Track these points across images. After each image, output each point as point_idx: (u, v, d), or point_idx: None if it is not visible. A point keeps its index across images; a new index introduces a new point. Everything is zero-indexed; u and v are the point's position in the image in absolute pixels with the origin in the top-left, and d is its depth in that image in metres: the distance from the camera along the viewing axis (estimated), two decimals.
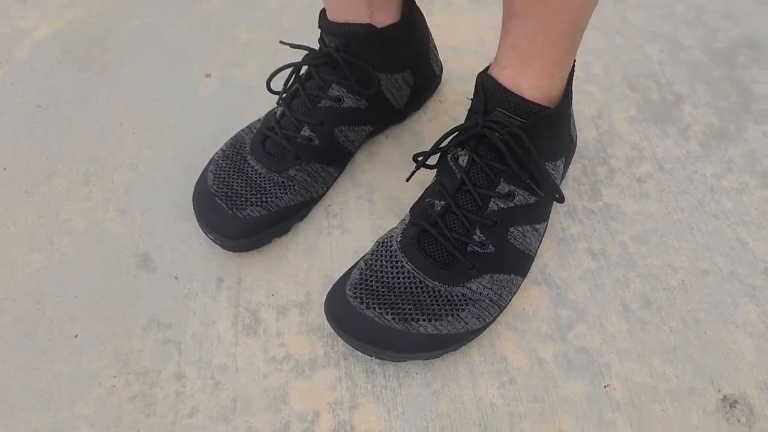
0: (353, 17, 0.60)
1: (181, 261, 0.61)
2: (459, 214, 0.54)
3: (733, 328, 0.54)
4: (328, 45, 0.61)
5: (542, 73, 0.52)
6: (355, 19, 0.60)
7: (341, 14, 0.60)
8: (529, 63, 0.52)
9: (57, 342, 0.56)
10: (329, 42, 0.61)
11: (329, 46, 0.61)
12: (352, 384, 0.53)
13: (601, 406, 0.51)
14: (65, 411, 0.52)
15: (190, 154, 0.70)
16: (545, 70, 0.52)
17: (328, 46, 0.61)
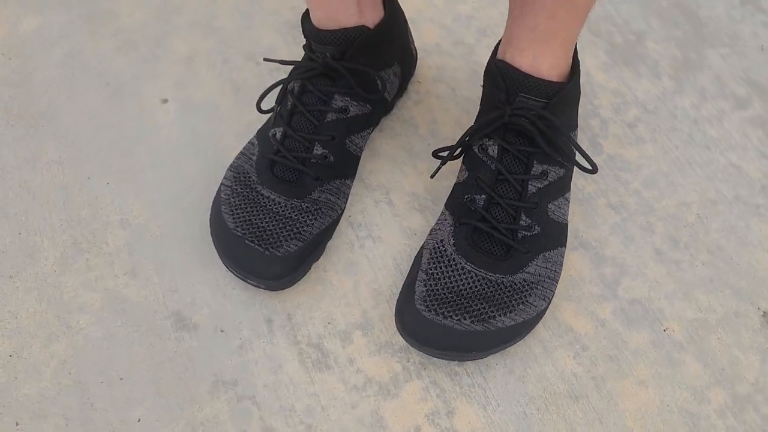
0: (343, 20, 0.57)
1: (220, 311, 0.58)
2: (503, 204, 0.55)
3: (752, 249, 0.61)
4: (321, 54, 0.58)
5: (561, 51, 0.53)
6: (345, 22, 0.57)
7: (331, 18, 0.57)
8: (549, 43, 0.52)
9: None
10: (321, 51, 0.58)
11: (323, 55, 0.58)
12: (440, 391, 0.54)
13: (667, 349, 0.56)
14: None
15: (179, 194, 0.65)
16: (564, 46, 0.53)
17: (321, 56, 0.58)
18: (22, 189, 0.65)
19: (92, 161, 0.67)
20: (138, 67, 0.74)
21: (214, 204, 0.61)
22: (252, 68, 0.74)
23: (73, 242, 0.62)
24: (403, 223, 0.63)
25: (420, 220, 0.63)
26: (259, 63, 0.75)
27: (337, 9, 0.57)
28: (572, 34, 0.52)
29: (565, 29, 0.51)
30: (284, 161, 0.59)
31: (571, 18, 0.50)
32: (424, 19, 0.78)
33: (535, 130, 0.54)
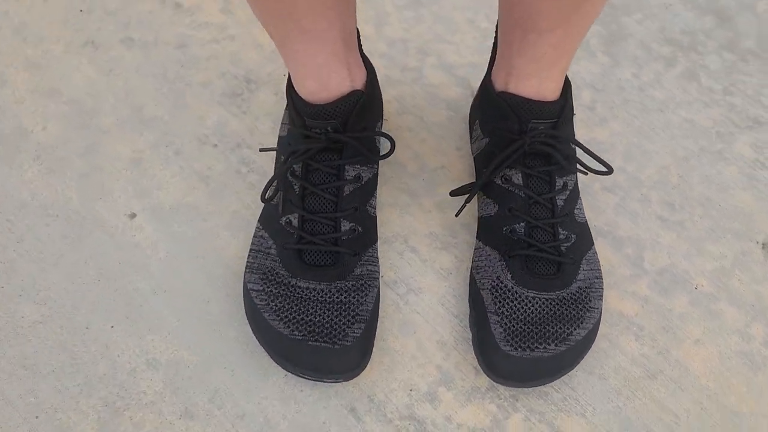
0: (336, 88, 0.55)
1: (299, 420, 0.56)
2: (541, 226, 0.57)
3: (732, 191, 0.68)
4: (322, 129, 0.56)
5: (561, 74, 0.55)
6: (339, 88, 0.55)
7: (324, 87, 0.55)
8: (553, 69, 0.54)
9: None
10: (321, 126, 0.55)
11: (324, 130, 0.56)
12: (539, 415, 0.57)
13: (704, 304, 0.62)
14: None
15: (198, 311, 0.60)
16: (564, 70, 0.55)
17: (322, 131, 0.56)
18: (13, 365, 0.57)
19: (81, 309, 0.60)
20: (81, 187, 0.66)
21: (251, 313, 0.57)
22: (211, 152, 0.69)
23: (105, 404, 0.56)
24: (434, 266, 0.64)
25: (448, 257, 0.64)
26: (216, 144, 0.70)
27: (329, 77, 0.54)
28: (572, 57, 0.54)
29: (568, 55, 0.53)
30: (314, 247, 0.57)
31: (574, 45, 0.52)
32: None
33: (552, 150, 0.56)
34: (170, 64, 0.75)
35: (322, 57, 0.53)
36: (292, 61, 0.54)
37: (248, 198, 0.67)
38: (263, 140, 0.70)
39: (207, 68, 0.75)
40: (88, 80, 0.74)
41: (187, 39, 0.77)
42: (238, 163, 0.69)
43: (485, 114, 0.60)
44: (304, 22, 0.50)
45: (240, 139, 0.70)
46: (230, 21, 0.79)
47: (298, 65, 0.54)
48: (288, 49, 0.53)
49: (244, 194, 0.67)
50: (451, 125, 0.72)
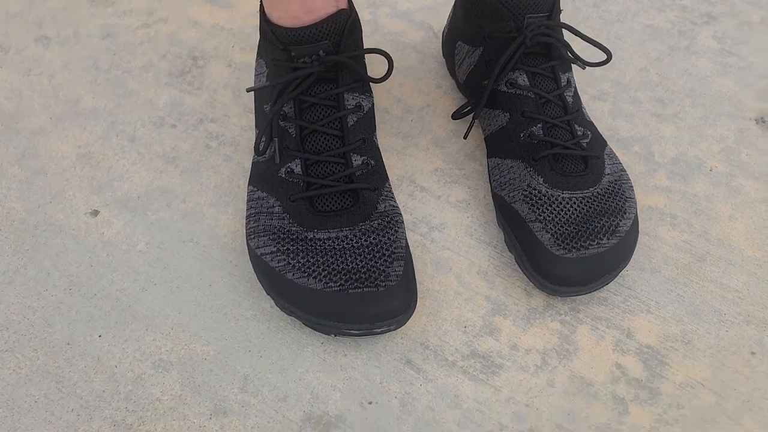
0: (322, 9, 0.49)
1: (353, 384, 0.48)
2: (558, 123, 0.54)
3: (710, 78, 0.68)
4: (312, 56, 0.49)
5: None
6: (324, 10, 0.49)
7: (308, 10, 0.49)
8: None
9: None
10: (310, 51, 0.49)
11: (316, 56, 0.49)
12: (606, 321, 0.52)
13: (724, 183, 0.60)
14: None
15: (202, 298, 0.52)
16: None
17: (313, 57, 0.49)
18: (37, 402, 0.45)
19: (56, 324, 0.49)
20: (24, 194, 0.56)
21: (270, 279, 0.49)
22: (171, 132, 0.61)
23: (113, 424, 0.45)
24: (450, 200, 0.58)
25: (461, 189, 0.59)
26: (175, 125, 0.61)
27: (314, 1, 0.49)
28: None
29: None
30: (327, 191, 0.50)
31: None
32: None
33: (554, 41, 0.53)
34: (100, 54, 0.67)
35: None
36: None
37: (227, 170, 0.59)
38: (227, 111, 0.63)
39: (144, 52, 0.67)
40: (4, 84, 0.64)
41: (113, 28, 0.69)
42: (207, 138, 0.61)
43: (474, 24, 0.57)
44: None
45: (201, 114, 0.63)
46: (158, 5, 0.71)
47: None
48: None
49: (222, 167, 0.59)
50: (424, 66, 0.68)
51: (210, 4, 0.72)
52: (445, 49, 0.65)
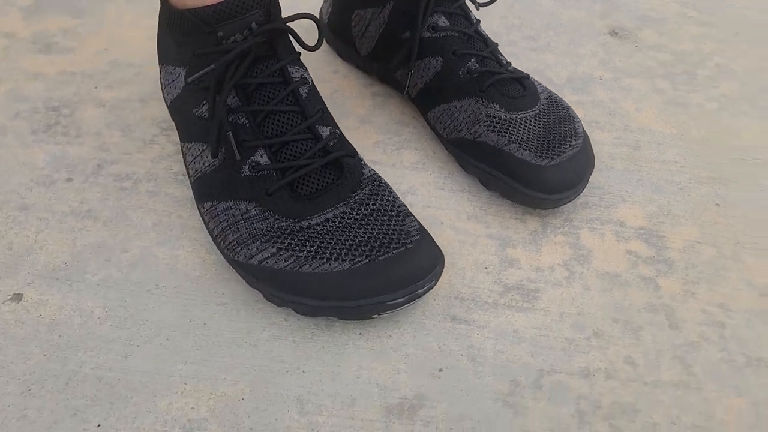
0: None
1: (414, 362, 0.42)
2: (487, 55, 0.55)
3: (561, 12, 0.76)
4: (244, 30, 0.44)
5: None
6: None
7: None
8: None
9: None
10: (240, 26, 0.44)
11: (248, 30, 0.44)
12: (597, 221, 0.53)
13: (616, 84, 0.67)
14: None
15: (209, 347, 0.42)
16: None
17: (244, 33, 0.44)
18: None
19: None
20: None
21: (283, 283, 0.42)
22: (69, 187, 0.50)
23: None
24: (404, 164, 0.56)
25: (410, 152, 0.57)
26: (70, 178, 0.51)
27: None
28: None
29: None
30: (306, 170, 0.44)
31: None
32: None
33: None
34: None
35: None
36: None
37: (158, 205, 0.50)
38: (125, 149, 0.54)
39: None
40: None
41: None
42: (117, 181, 0.51)
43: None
44: None
45: (96, 160, 0.53)
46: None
47: None
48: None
49: (151, 204, 0.50)
50: (311, 57, 0.65)
51: (44, 53, 0.62)
52: (335, 29, 0.64)
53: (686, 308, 0.48)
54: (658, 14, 0.80)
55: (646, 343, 0.45)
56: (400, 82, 0.59)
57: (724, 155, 0.61)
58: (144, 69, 0.62)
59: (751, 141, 0.63)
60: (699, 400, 0.42)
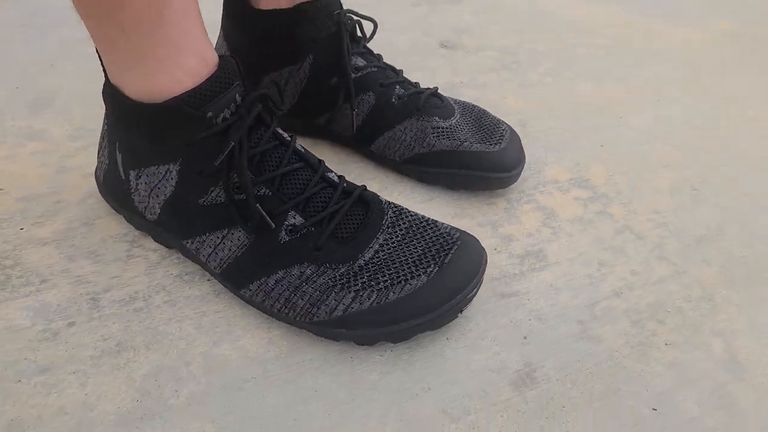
0: (212, 57, 0.45)
1: (536, 348, 0.47)
2: (402, 80, 0.62)
3: (398, 36, 0.85)
4: (230, 105, 0.44)
5: None
6: (213, 57, 0.45)
7: (205, 63, 0.44)
8: None
9: None
10: (227, 102, 0.44)
11: (234, 103, 0.44)
12: (543, 185, 0.63)
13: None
14: None
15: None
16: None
17: (231, 108, 0.44)
18: None
19: None
20: None
21: (376, 320, 0.44)
22: (69, 334, 0.44)
23: None
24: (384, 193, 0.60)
25: (370, 184, 0.61)
26: (61, 332, 0.45)
27: (206, 46, 0.45)
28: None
29: None
30: (341, 215, 0.46)
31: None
32: None
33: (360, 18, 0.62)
34: None
35: (198, 23, 0.43)
36: (164, 47, 0.42)
37: (187, 310, 0.47)
38: (110, 271, 0.49)
39: None
40: None
41: None
42: (125, 306, 0.46)
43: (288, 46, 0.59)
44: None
45: (86, 296, 0.47)
46: None
47: (175, 48, 0.42)
48: (161, 33, 0.41)
49: (178, 311, 0.47)
50: None
51: None
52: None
53: (637, 222, 0.60)
54: (464, 24, 0.95)
55: (633, 256, 0.56)
56: (326, 128, 0.63)
57: (583, 112, 0.76)
58: (63, 195, 0.56)
59: (589, 97, 0.79)
60: (687, 277, 0.54)
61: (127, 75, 0.45)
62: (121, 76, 0.45)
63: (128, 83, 0.45)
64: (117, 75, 0.46)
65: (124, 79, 0.45)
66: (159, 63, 0.43)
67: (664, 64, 0.91)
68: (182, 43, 0.44)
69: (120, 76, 0.45)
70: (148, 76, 0.44)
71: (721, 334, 0.49)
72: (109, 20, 0.42)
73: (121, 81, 0.45)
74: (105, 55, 0.46)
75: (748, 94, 0.84)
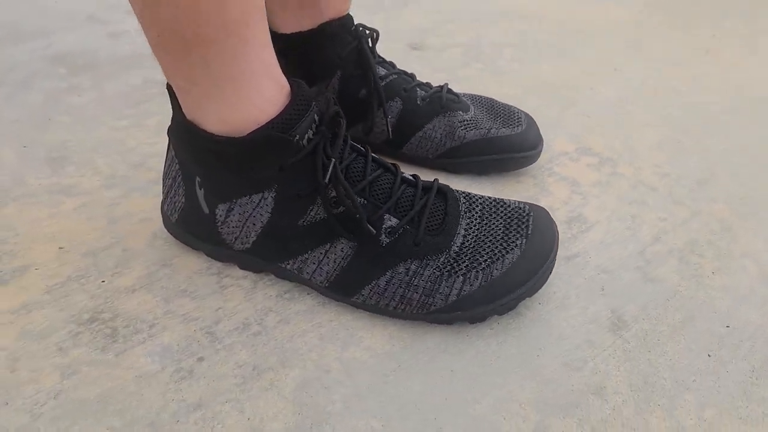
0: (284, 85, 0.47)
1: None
2: (420, 82, 0.67)
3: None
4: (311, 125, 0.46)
5: None
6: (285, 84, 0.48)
7: (279, 86, 0.46)
8: None
9: None
10: (308, 122, 0.46)
11: (315, 122, 0.47)
12: (549, 166, 0.69)
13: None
14: None
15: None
16: None
17: (314, 127, 0.47)
18: None
19: None
20: None
21: (490, 293, 0.48)
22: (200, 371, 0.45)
23: None
24: None
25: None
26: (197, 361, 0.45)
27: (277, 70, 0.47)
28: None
29: None
30: (427, 210, 0.50)
31: None
32: None
33: (371, 34, 0.65)
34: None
35: (271, 49, 0.46)
36: (246, 78, 0.44)
37: (303, 324, 0.49)
38: (212, 304, 0.50)
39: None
40: None
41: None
42: (243, 332, 0.48)
43: (325, 57, 0.62)
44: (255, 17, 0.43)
45: (202, 330, 0.48)
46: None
47: (255, 77, 0.45)
48: (242, 64, 0.44)
49: (297, 329, 0.48)
50: None
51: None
52: None
53: (645, 176, 0.68)
54: (422, 25, 1.00)
55: (655, 205, 0.64)
56: (363, 137, 0.66)
57: (558, 89, 0.83)
58: (127, 243, 0.55)
59: (556, 75, 0.87)
60: (704, 215, 0.62)
61: (208, 109, 0.46)
62: (200, 111, 0.46)
63: (208, 117, 0.46)
64: (195, 110, 0.47)
65: (204, 114, 0.46)
66: (241, 94, 0.45)
67: (606, 39, 1.01)
68: (261, 71, 0.46)
69: (199, 112, 0.47)
70: (231, 107, 0.45)
71: (749, 255, 0.58)
72: (191, 56, 0.43)
73: (200, 116, 0.47)
74: (183, 92, 0.46)
75: (682, 53, 0.96)
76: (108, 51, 0.89)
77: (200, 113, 0.47)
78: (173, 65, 0.45)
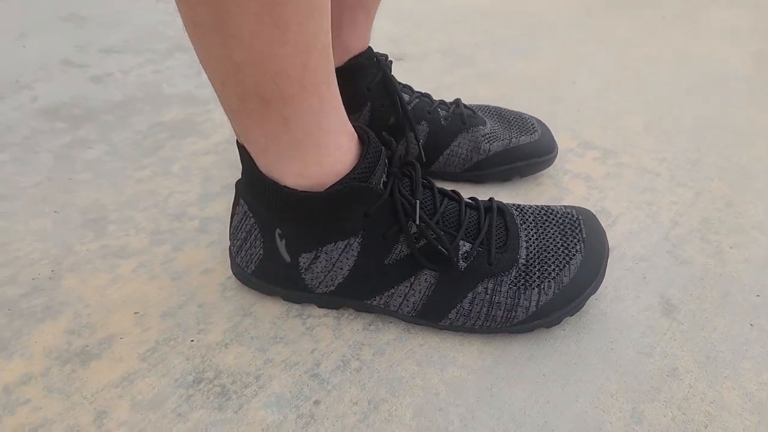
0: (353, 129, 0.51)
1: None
2: (440, 102, 0.70)
3: None
4: (384, 169, 0.49)
5: None
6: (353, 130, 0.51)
7: (350, 135, 0.49)
8: None
9: None
10: (382, 167, 0.49)
11: (386, 158, 0.50)
12: (565, 171, 0.75)
13: None
14: None
15: None
16: None
17: (386, 171, 0.50)
18: None
19: None
20: None
21: (565, 299, 0.53)
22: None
23: None
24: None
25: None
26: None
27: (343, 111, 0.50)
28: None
29: None
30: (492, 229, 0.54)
31: None
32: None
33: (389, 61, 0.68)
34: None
35: (341, 102, 0.49)
36: (325, 133, 0.47)
37: (397, 354, 0.52)
38: (303, 344, 0.52)
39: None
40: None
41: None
42: (343, 369, 0.50)
43: (354, 91, 0.64)
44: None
45: (302, 370, 0.50)
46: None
47: (333, 131, 0.47)
48: (321, 120, 0.46)
49: (393, 364, 0.52)
50: None
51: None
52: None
53: (646, 163, 0.74)
54: (394, 35, 1.03)
55: (663, 190, 0.70)
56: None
57: (541, 86, 0.89)
58: (199, 298, 0.56)
59: (535, 71, 0.92)
60: (707, 193, 0.70)
61: (287, 164, 0.48)
62: (278, 167, 0.48)
63: (288, 172, 0.48)
64: (273, 166, 0.48)
65: (283, 169, 0.48)
66: (321, 148, 0.47)
67: (565, 29, 1.07)
68: (337, 125, 0.48)
69: (277, 167, 0.48)
70: (312, 162, 0.48)
71: (756, 227, 0.65)
72: (272, 115, 0.45)
73: (278, 171, 0.48)
74: (261, 149, 0.48)
75: (636, 34, 1.03)
76: (98, 98, 0.87)
77: (278, 169, 0.48)
78: (255, 125, 0.46)
